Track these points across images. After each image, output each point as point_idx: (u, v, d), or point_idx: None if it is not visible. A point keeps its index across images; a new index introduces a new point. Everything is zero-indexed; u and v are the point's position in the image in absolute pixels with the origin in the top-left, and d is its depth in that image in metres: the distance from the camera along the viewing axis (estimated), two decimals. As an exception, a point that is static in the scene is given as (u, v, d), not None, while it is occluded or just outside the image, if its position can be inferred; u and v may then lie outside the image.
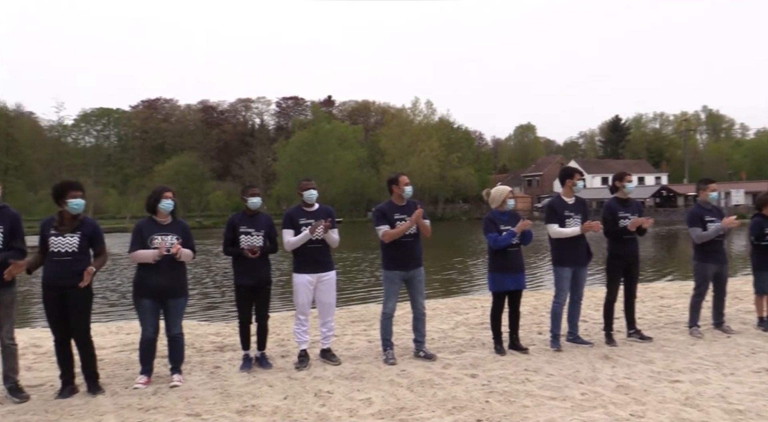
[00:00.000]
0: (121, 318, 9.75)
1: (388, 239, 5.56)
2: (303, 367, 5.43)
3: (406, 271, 5.65)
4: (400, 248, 5.61)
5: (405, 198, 5.72)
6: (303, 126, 76.99)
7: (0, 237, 4.65)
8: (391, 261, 5.65)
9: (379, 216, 5.66)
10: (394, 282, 5.66)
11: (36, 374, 5.50)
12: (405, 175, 5.84)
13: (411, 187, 5.74)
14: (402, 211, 5.67)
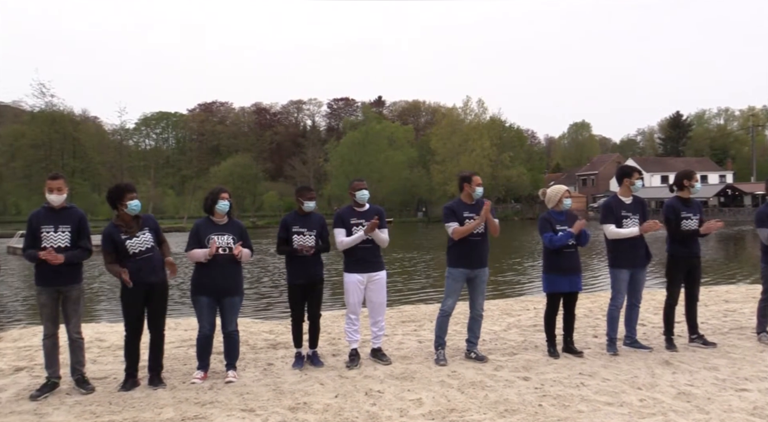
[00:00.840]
0: (179, 314, 10.09)
1: (457, 236, 5.54)
2: (354, 366, 5.47)
3: (470, 270, 5.62)
4: (467, 246, 5.57)
5: (475, 198, 5.68)
6: (354, 126, 77.60)
7: (68, 237, 4.90)
8: (457, 258, 5.62)
9: (449, 214, 5.64)
10: (457, 280, 5.64)
11: (100, 367, 5.76)
12: (478, 175, 5.79)
13: (482, 188, 5.69)
14: (471, 209, 5.64)
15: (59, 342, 5.00)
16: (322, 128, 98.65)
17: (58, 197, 4.89)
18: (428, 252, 23.92)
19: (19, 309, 12.00)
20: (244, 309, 8.19)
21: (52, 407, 4.51)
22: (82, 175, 60.86)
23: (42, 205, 5.00)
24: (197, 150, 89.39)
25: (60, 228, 4.88)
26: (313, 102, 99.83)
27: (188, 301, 6.06)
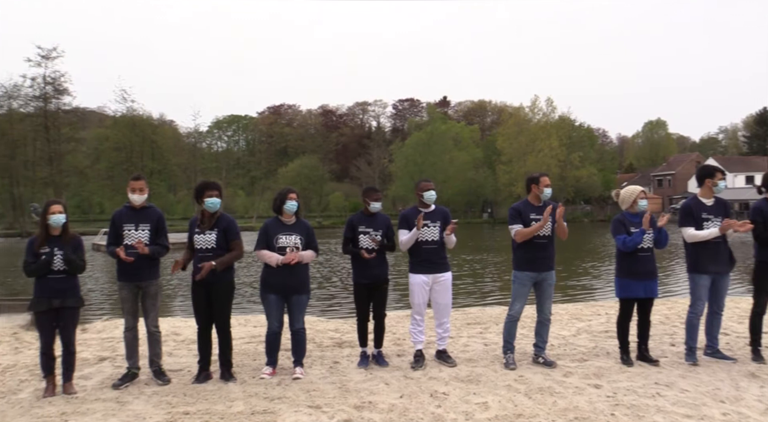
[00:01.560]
0: (249, 311, 10.41)
1: (520, 238, 5.44)
2: (419, 367, 5.46)
3: (537, 273, 5.50)
4: (533, 249, 5.46)
5: (542, 199, 5.56)
6: (418, 127, 77.55)
7: (147, 234, 5.17)
8: (523, 262, 5.52)
9: (514, 215, 5.54)
10: (524, 284, 5.53)
11: (176, 359, 6.03)
12: (547, 175, 5.66)
13: (550, 189, 5.56)
14: (538, 211, 5.51)
15: (139, 335, 5.28)
16: (387, 129, 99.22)
17: (140, 197, 5.17)
18: (494, 254, 23.55)
19: (102, 302, 12.77)
20: (311, 308, 8.34)
21: (132, 396, 4.76)
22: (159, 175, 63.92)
23: (124, 204, 5.30)
24: (266, 152, 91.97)
25: (140, 227, 5.15)
26: (379, 103, 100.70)
27: (257, 298, 6.25)
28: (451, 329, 6.65)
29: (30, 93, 56.25)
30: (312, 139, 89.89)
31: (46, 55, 55.39)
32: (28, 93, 56.25)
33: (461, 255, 22.18)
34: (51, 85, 56.34)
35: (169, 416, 4.24)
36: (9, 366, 5.91)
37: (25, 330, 7.86)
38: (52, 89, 56.50)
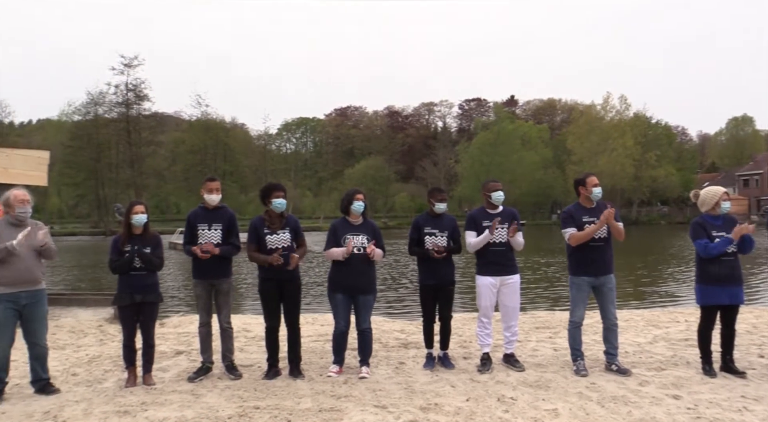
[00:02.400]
0: (317, 310, 10.60)
1: (574, 242, 5.28)
2: (486, 370, 5.39)
3: (595, 278, 5.31)
4: (589, 252, 5.28)
5: (593, 200, 5.38)
6: (485, 127, 76.56)
7: (219, 234, 5.37)
8: (579, 266, 5.35)
9: (566, 219, 5.40)
10: (581, 289, 5.35)
11: (247, 355, 6.23)
12: (594, 175, 5.48)
13: (600, 188, 5.37)
14: (591, 213, 5.34)
15: (212, 331, 5.49)
16: (453, 129, 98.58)
17: (215, 197, 5.39)
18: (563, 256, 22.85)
19: (178, 298, 13.38)
20: (377, 308, 8.41)
21: (206, 389, 4.96)
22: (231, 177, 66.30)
23: (199, 204, 5.53)
24: (333, 153, 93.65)
25: (213, 227, 5.36)
26: (445, 103, 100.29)
27: (324, 297, 6.36)
28: (519, 333, 6.51)
29: (114, 99, 59.95)
30: (378, 140, 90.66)
31: (128, 63, 58.88)
32: (112, 99, 59.98)
33: (530, 258, 21.69)
34: (132, 91, 59.76)
35: (240, 410, 4.38)
36: (95, 356, 6.30)
37: (109, 323, 8.36)
38: (134, 95, 59.91)
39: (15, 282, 4.73)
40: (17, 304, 4.76)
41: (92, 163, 58.73)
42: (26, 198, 4.88)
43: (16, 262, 4.72)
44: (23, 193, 4.90)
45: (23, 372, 5.21)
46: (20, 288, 4.76)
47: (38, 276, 4.91)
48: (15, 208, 4.82)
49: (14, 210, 4.83)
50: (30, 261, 4.82)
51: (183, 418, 4.21)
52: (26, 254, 4.78)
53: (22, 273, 4.75)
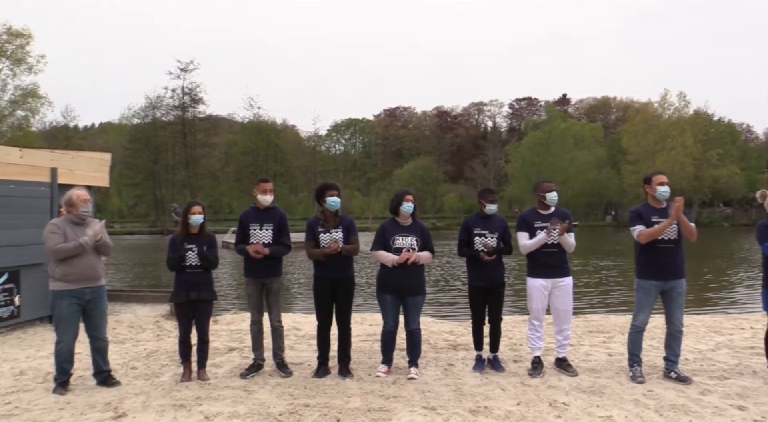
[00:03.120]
0: (366, 310, 10.67)
1: (644, 239, 5.07)
2: (537, 374, 5.29)
3: (664, 281, 5.09)
4: (659, 255, 5.07)
5: (660, 199, 5.17)
6: (536, 126, 75.22)
7: (270, 234, 5.47)
8: (647, 269, 5.14)
9: (634, 217, 5.20)
10: (649, 293, 5.15)
11: (297, 353, 6.32)
12: (662, 173, 5.26)
13: (667, 187, 5.16)
14: (660, 213, 5.14)
15: (263, 329, 5.60)
16: (503, 129, 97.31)
17: (268, 198, 5.49)
18: (618, 258, 22.21)
19: (232, 297, 13.73)
20: (426, 309, 8.38)
21: (257, 386, 5.06)
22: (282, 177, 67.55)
23: (251, 205, 5.65)
24: (381, 154, 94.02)
25: (264, 226, 5.47)
26: (494, 103, 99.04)
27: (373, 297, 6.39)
28: (572, 337, 6.36)
29: (170, 103, 62.05)
30: (427, 140, 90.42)
31: (184, 67, 60.83)
32: (169, 103, 62.10)
33: (584, 260, 21.16)
34: (188, 95, 61.72)
35: (291, 407, 4.45)
36: (152, 351, 6.54)
37: (166, 319, 8.66)
38: (189, 99, 61.87)
39: (79, 278, 4.97)
40: (81, 300, 4.99)
41: (150, 164, 60.99)
42: (87, 197, 5.14)
43: (80, 260, 4.96)
44: (84, 192, 5.15)
45: (86, 365, 5.45)
46: (84, 284, 5.00)
47: (100, 272, 5.14)
48: (78, 207, 5.07)
49: (77, 209, 5.07)
50: (92, 259, 5.06)
51: (236, 413, 4.31)
52: (88, 252, 5.02)
53: (85, 270, 4.99)
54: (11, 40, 45.62)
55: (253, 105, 72.91)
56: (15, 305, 7.74)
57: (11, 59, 45.91)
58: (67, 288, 4.94)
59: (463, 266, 10.14)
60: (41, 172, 8.18)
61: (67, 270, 4.92)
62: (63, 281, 4.93)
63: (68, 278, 4.93)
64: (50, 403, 4.63)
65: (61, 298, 4.93)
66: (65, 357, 4.98)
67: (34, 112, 48.05)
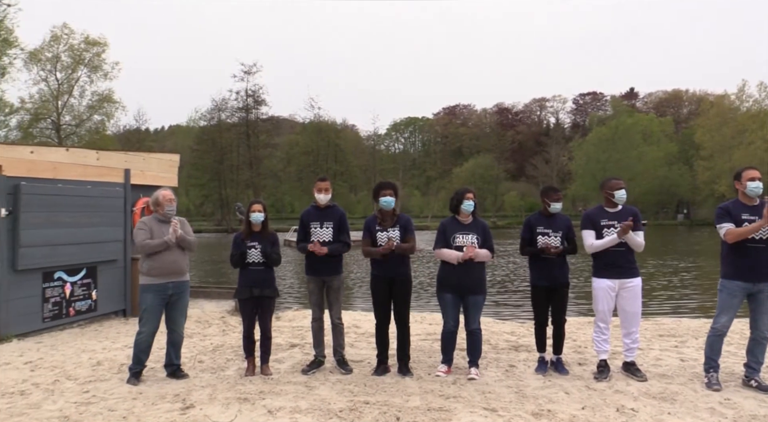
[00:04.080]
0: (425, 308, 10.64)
1: (732, 238, 4.78)
2: (603, 378, 5.11)
3: (752, 284, 4.79)
4: (748, 255, 4.77)
5: (751, 196, 4.85)
6: (601, 122, 72.86)
7: (330, 232, 5.55)
8: (734, 269, 4.85)
9: (722, 214, 4.90)
10: (734, 294, 4.86)
11: (357, 351, 6.38)
12: (753, 168, 4.93)
13: (759, 183, 4.81)
14: (752, 211, 4.82)
15: (324, 326, 5.68)
16: (567, 125, 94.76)
17: (325, 197, 5.57)
18: (690, 259, 21.18)
19: (293, 294, 14.03)
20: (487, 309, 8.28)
21: (318, 382, 5.14)
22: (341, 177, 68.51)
23: (311, 204, 5.75)
24: (441, 152, 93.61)
25: (324, 225, 5.55)
26: (557, 99, 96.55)
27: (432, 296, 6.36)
28: (641, 340, 6.11)
29: (235, 105, 64.09)
30: (487, 138, 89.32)
31: (247, 70, 62.69)
32: (233, 105, 64.17)
33: (653, 260, 20.32)
34: (252, 97, 63.57)
35: (351, 404, 4.49)
36: (218, 345, 6.76)
37: (231, 315, 8.94)
38: (253, 101, 63.69)
39: (163, 273, 5.22)
40: (164, 294, 5.25)
41: (216, 165, 63.21)
42: (172, 197, 5.43)
43: (165, 255, 5.22)
44: (170, 192, 5.44)
45: (157, 357, 5.70)
46: (168, 279, 5.25)
47: (184, 268, 5.39)
48: (164, 206, 5.36)
49: (163, 208, 5.36)
50: (176, 255, 5.31)
51: (297, 408, 4.40)
52: (173, 248, 5.28)
53: (169, 265, 5.24)
54: (88, 49, 48.34)
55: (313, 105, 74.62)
56: (92, 299, 8.21)
57: (89, 67, 48.63)
58: (152, 282, 5.20)
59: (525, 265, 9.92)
60: (116, 172, 8.62)
61: (152, 265, 5.19)
62: (149, 275, 5.21)
63: (153, 272, 5.20)
64: (124, 393, 4.88)
65: (146, 291, 5.21)
66: (142, 348, 5.23)
67: (109, 116, 50.75)
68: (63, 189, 7.65)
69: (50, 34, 47.61)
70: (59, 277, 7.67)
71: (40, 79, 47.77)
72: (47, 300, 7.50)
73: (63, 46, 47.81)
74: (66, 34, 47.67)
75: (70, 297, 7.84)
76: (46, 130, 48.62)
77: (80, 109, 49.60)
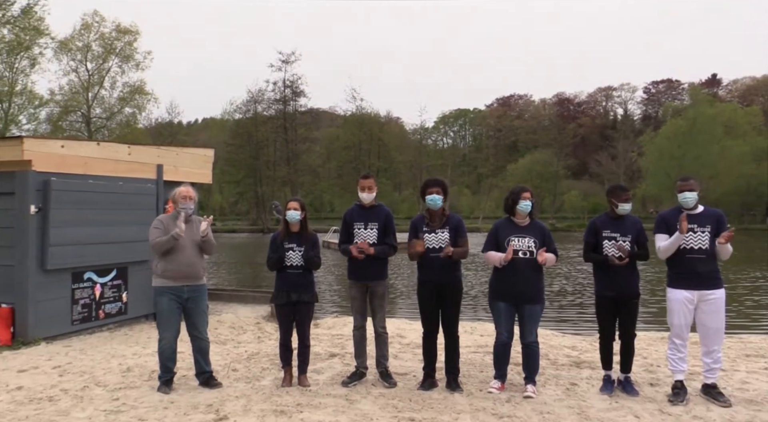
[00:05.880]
0: (476, 318, 10.56)
1: None
2: (679, 402, 4.95)
3: None
4: None
5: None
6: (677, 112, 70.66)
7: (375, 233, 5.56)
8: None
9: None
10: None
11: (401, 363, 6.38)
12: None
13: None
14: None
15: (366, 334, 5.71)
16: (636, 117, 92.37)
17: (369, 195, 5.60)
18: (781, 269, 20.32)
19: (333, 299, 14.15)
20: (545, 320, 8.15)
21: (360, 395, 5.17)
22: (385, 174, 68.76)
23: (354, 202, 5.78)
24: (494, 147, 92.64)
25: (369, 225, 5.57)
26: (626, 87, 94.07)
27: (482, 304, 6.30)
28: (724, 360, 5.89)
29: (272, 97, 65.17)
30: (545, 131, 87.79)
31: (285, 59, 63.59)
32: (270, 97, 65.24)
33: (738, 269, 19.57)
34: (290, 87, 64.50)
35: (395, 420, 4.50)
36: (253, 353, 6.89)
37: (266, 320, 9.08)
38: (291, 92, 64.60)
39: (178, 276, 5.35)
40: (180, 297, 5.38)
41: (251, 160, 64.40)
42: (189, 194, 5.52)
43: (180, 257, 5.34)
44: (187, 189, 5.55)
45: (189, 364, 5.85)
46: (183, 282, 5.37)
47: (200, 271, 5.50)
48: (178, 204, 5.47)
49: (177, 205, 5.48)
50: (192, 257, 5.42)
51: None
52: (189, 249, 5.39)
53: (184, 268, 5.36)
54: (120, 37, 50.00)
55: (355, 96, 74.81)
56: (123, 301, 8.48)
57: (120, 56, 50.30)
58: (166, 284, 5.34)
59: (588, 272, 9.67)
60: (148, 168, 8.89)
61: (166, 266, 5.32)
62: (163, 278, 5.34)
63: (167, 275, 5.33)
64: (155, 401, 5.02)
65: (161, 295, 5.35)
66: (167, 355, 5.38)
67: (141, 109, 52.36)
68: (94, 185, 7.93)
69: (81, 21, 49.44)
70: (89, 278, 7.96)
71: (70, 70, 49.71)
72: (76, 301, 7.80)
73: (94, 35, 49.60)
74: (97, 22, 49.44)
75: (99, 299, 8.13)
76: (75, 123, 50.53)
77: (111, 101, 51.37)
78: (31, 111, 43.46)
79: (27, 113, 42.25)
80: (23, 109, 41.96)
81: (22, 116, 41.87)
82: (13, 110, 40.60)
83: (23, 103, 41.74)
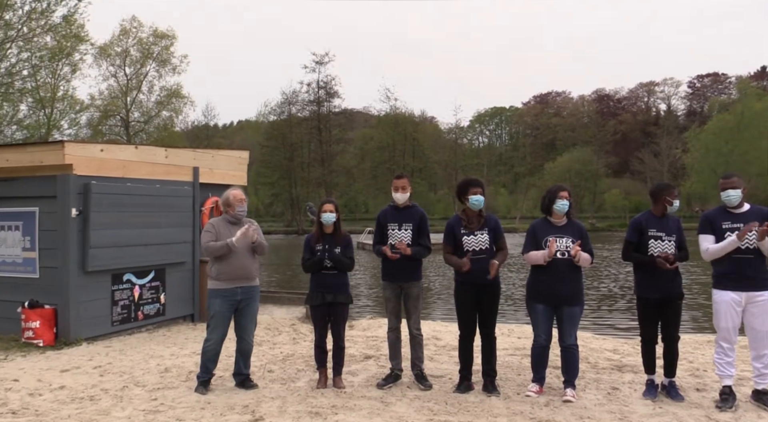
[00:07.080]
0: (513, 320, 10.46)
1: None
2: (727, 408, 4.81)
3: None
4: None
5: None
6: (724, 107, 68.74)
7: (410, 234, 5.56)
8: None
9: None
10: None
11: (437, 365, 6.36)
12: None
13: None
14: None
15: (401, 336, 5.71)
16: (680, 113, 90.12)
17: (402, 196, 5.60)
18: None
19: (367, 301, 14.20)
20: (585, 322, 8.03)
21: (395, 398, 5.17)
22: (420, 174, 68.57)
23: (388, 203, 5.79)
24: (531, 145, 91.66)
25: (403, 226, 5.57)
26: (669, 82, 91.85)
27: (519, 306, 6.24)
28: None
29: (305, 98, 65.79)
30: (584, 129, 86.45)
31: (319, 60, 64.11)
32: (304, 98, 65.89)
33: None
34: (323, 88, 65.01)
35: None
36: (288, 355, 6.95)
37: (302, 322, 9.17)
38: (325, 93, 65.12)
39: (232, 278, 5.44)
40: (233, 299, 5.47)
41: (286, 162, 65.10)
42: (243, 197, 5.64)
43: (234, 259, 5.43)
44: (240, 192, 5.65)
45: (226, 366, 5.94)
46: (237, 284, 5.46)
47: (253, 272, 5.59)
48: (234, 207, 5.58)
49: (234, 208, 5.58)
50: (246, 259, 5.51)
51: (372, 426, 4.44)
52: (242, 251, 5.47)
53: (238, 270, 5.45)
54: (157, 42, 51.07)
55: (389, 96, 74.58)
56: (161, 303, 8.66)
57: (157, 61, 51.41)
58: (220, 287, 5.44)
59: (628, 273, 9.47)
60: (184, 171, 9.06)
61: (220, 269, 5.42)
62: (217, 280, 5.45)
63: (221, 277, 5.43)
64: (192, 402, 5.11)
65: (214, 297, 5.46)
66: (210, 356, 5.47)
67: (178, 112, 53.36)
68: (132, 188, 8.12)
69: (119, 27, 50.74)
70: (128, 279, 8.15)
71: (109, 75, 50.99)
72: (116, 303, 8.00)
73: (132, 40, 50.80)
74: (135, 28, 50.61)
75: (138, 301, 8.32)
76: (115, 128, 51.83)
77: (148, 105, 52.51)
78: (72, 116, 44.61)
79: (68, 118, 43.39)
80: (65, 114, 43.12)
81: (64, 121, 43.02)
82: (55, 115, 41.76)
83: (65, 109, 42.89)
